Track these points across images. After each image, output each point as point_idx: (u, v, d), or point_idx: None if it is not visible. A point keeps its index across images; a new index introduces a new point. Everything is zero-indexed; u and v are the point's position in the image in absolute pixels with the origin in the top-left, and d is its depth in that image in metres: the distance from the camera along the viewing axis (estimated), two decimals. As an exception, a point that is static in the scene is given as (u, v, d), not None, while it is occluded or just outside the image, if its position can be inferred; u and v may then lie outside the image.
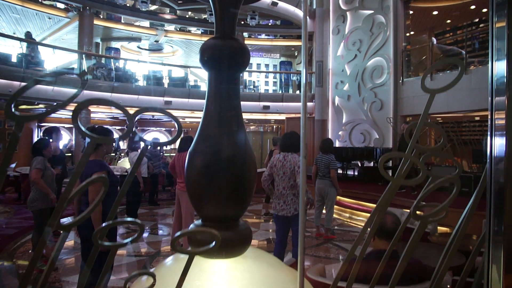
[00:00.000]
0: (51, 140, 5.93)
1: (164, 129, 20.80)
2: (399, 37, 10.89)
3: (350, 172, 11.58)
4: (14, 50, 10.99)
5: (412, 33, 12.68)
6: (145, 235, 6.43)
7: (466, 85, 8.74)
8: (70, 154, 16.91)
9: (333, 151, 6.35)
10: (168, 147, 20.22)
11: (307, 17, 10.93)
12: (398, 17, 10.95)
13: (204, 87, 15.70)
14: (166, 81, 13.49)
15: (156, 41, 15.04)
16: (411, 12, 11.56)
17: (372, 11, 11.51)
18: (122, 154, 16.44)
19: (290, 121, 13.80)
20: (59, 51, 15.95)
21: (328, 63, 13.02)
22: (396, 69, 10.79)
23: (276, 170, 4.35)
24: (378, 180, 10.14)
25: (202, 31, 15.16)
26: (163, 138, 20.86)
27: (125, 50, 16.73)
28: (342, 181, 10.58)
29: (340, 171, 11.54)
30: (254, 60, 17.51)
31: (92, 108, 12.32)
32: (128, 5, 11.84)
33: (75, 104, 0.83)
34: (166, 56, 17.48)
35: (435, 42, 13.95)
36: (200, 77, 19.04)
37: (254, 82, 15.49)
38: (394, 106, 10.78)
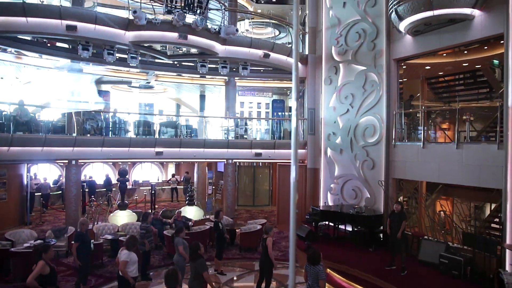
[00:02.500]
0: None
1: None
2: (392, 99, 10.80)
3: (341, 226, 11.57)
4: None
5: (405, 80, 12.65)
6: None
7: (457, 159, 8.72)
8: (60, 192, 16.78)
9: (320, 262, 6.34)
10: (160, 180, 20.14)
11: (299, 63, 10.64)
12: (391, 77, 10.85)
13: (195, 125, 15.54)
14: (156, 128, 13.33)
15: (148, 83, 14.84)
16: (404, 66, 11.49)
17: (365, 68, 11.40)
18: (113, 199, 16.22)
19: (282, 168, 13.75)
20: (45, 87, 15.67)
21: (320, 112, 12.94)
22: (389, 131, 10.74)
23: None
24: (369, 245, 10.17)
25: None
26: (155, 169, 20.80)
27: (115, 89, 16.47)
28: (333, 244, 10.65)
29: (331, 224, 11.61)
30: (246, 98, 17.39)
31: (82, 161, 12.16)
32: (117, 57, 11.58)
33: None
34: (157, 93, 17.25)
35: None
36: (193, 109, 18.91)
37: (245, 121, 15.39)
38: (386, 168, 10.74)
